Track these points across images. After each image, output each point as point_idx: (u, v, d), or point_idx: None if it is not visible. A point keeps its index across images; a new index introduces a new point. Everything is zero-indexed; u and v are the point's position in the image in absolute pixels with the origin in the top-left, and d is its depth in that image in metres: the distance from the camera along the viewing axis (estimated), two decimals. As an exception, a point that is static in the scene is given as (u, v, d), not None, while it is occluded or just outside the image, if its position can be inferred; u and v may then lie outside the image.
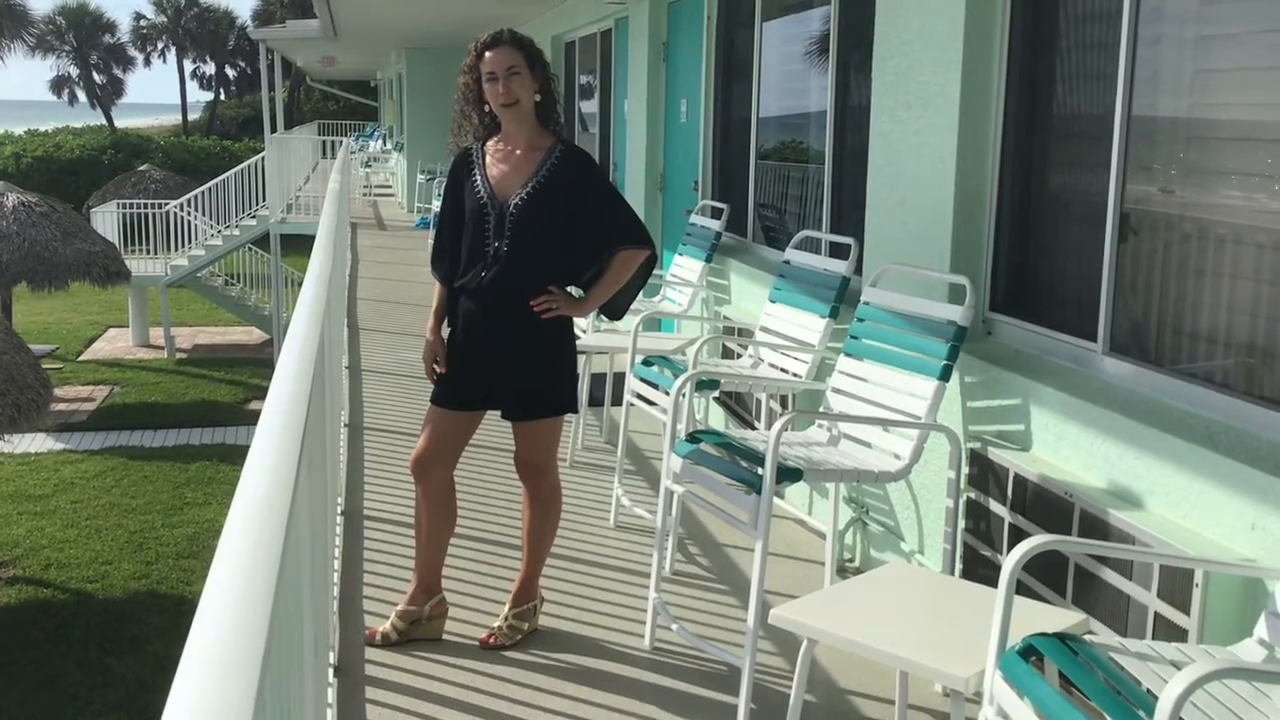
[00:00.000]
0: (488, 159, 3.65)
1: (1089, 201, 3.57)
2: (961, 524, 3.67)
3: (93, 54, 53.99)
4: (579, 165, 3.61)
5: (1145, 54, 3.33)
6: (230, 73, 56.62)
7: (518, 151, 3.61)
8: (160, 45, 55.65)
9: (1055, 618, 2.66)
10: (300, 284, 3.72)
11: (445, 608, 3.75)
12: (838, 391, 4.01)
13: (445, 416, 3.66)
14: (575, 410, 3.76)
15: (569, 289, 3.68)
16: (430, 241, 3.78)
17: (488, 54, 3.53)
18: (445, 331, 3.73)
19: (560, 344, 3.65)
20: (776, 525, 4.77)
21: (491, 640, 3.66)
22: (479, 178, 3.62)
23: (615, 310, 3.81)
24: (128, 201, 23.02)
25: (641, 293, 3.94)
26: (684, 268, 6.46)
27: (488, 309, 3.58)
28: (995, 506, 3.50)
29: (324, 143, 26.70)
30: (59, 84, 54.59)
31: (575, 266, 3.67)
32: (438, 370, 3.69)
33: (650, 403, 5.02)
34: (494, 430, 5.33)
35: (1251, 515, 2.70)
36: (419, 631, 3.68)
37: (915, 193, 4.21)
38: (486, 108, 3.61)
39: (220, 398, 18.56)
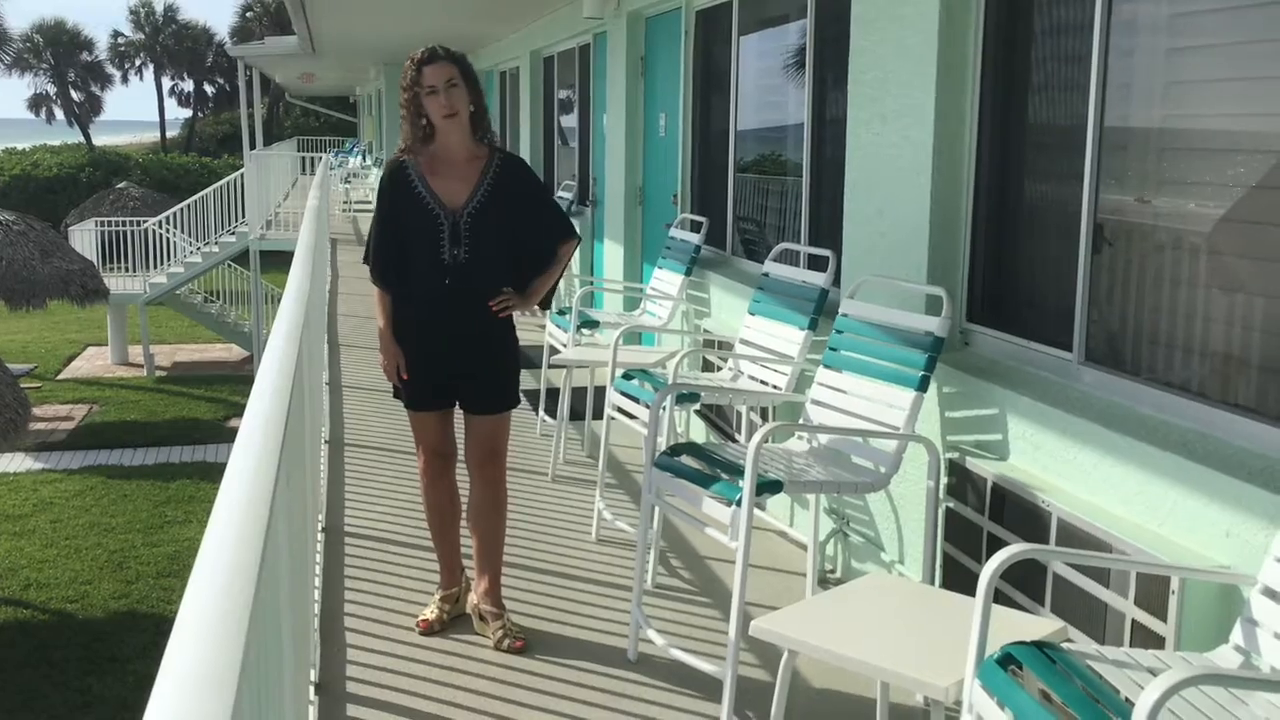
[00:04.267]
0: (425, 171, 3.75)
1: (1063, 212, 3.60)
2: (940, 534, 3.68)
3: (70, 72, 53.82)
4: (517, 170, 3.83)
5: (1117, 66, 3.36)
6: (209, 89, 56.52)
7: (458, 162, 3.75)
8: (138, 62, 55.54)
9: (1034, 626, 2.67)
10: (280, 300, 3.73)
11: (468, 581, 4.05)
12: (817, 403, 4.02)
13: (429, 418, 3.88)
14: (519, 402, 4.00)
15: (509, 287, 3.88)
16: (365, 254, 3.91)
17: (426, 69, 3.66)
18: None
19: (512, 340, 3.89)
20: (757, 537, 4.78)
21: (520, 645, 3.76)
22: (422, 190, 3.73)
23: (546, 301, 4.02)
24: (106, 219, 22.94)
25: (622, 305, 4.04)
26: (664, 281, 6.47)
27: (451, 314, 3.75)
28: (973, 516, 3.51)
29: (303, 159, 26.66)
30: (36, 102, 54.38)
31: (523, 264, 3.87)
32: (402, 376, 3.85)
33: (631, 416, 5.02)
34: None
35: (1227, 522, 2.72)
36: (460, 609, 3.98)
37: (892, 205, 4.24)
38: (424, 121, 3.71)
39: (200, 415, 18.48)
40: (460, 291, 3.71)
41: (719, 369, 5.32)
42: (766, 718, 3.33)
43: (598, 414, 6.16)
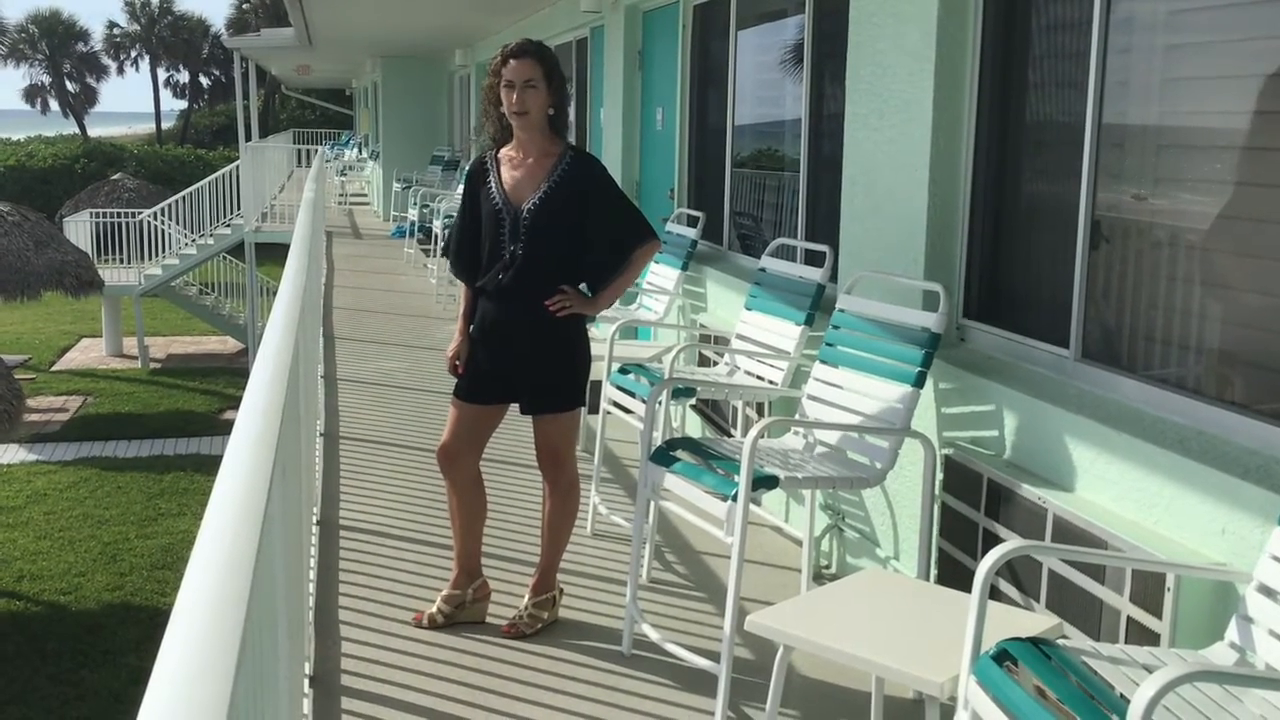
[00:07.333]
0: (502, 166, 3.81)
1: (1060, 209, 3.60)
2: (936, 530, 3.68)
3: (66, 62, 53.73)
4: (586, 169, 3.77)
5: (1115, 63, 3.36)
6: (204, 81, 56.44)
7: (530, 159, 3.77)
8: (134, 54, 55.43)
9: (1029, 622, 2.67)
10: (275, 293, 3.73)
11: (487, 590, 3.93)
12: (813, 398, 4.02)
13: (465, 409, 3.84)
14: (584, 404, 3.91)
15: (581, 288, 3.83)
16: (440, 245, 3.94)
17: (511, 62, 3.68)
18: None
19: (574, 342, 3.81)
20: (753, 532, 4.78)
21: (511, 630, 3.80)
22: (494, 185, 3.78)
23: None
24: (101, 210, 22.87)
25: (619, 300, 4.03)
26: (660, 275, 6.47)
27: (505, 309, 3.76)
28: (969, 512, 3.52)
29: (299, 151, 26.59)
30: (31, 93, 54.29)
31: (588, 266, 3.81)
32: (458, 367, 3.87)
33: (627, 410, 5.02)
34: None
35: (1222, 519, 2.72)
36: (463, 615, 3.86)
37: (889, 200, 4.24)
38: (503, 110, 3.75)
39: (195, 407, 18.46)
40: (514, 287, 3.70)
41: (715, 364, 5.32)
42: (761, 712, 3.33)
43: (593, 408, 6.15)
